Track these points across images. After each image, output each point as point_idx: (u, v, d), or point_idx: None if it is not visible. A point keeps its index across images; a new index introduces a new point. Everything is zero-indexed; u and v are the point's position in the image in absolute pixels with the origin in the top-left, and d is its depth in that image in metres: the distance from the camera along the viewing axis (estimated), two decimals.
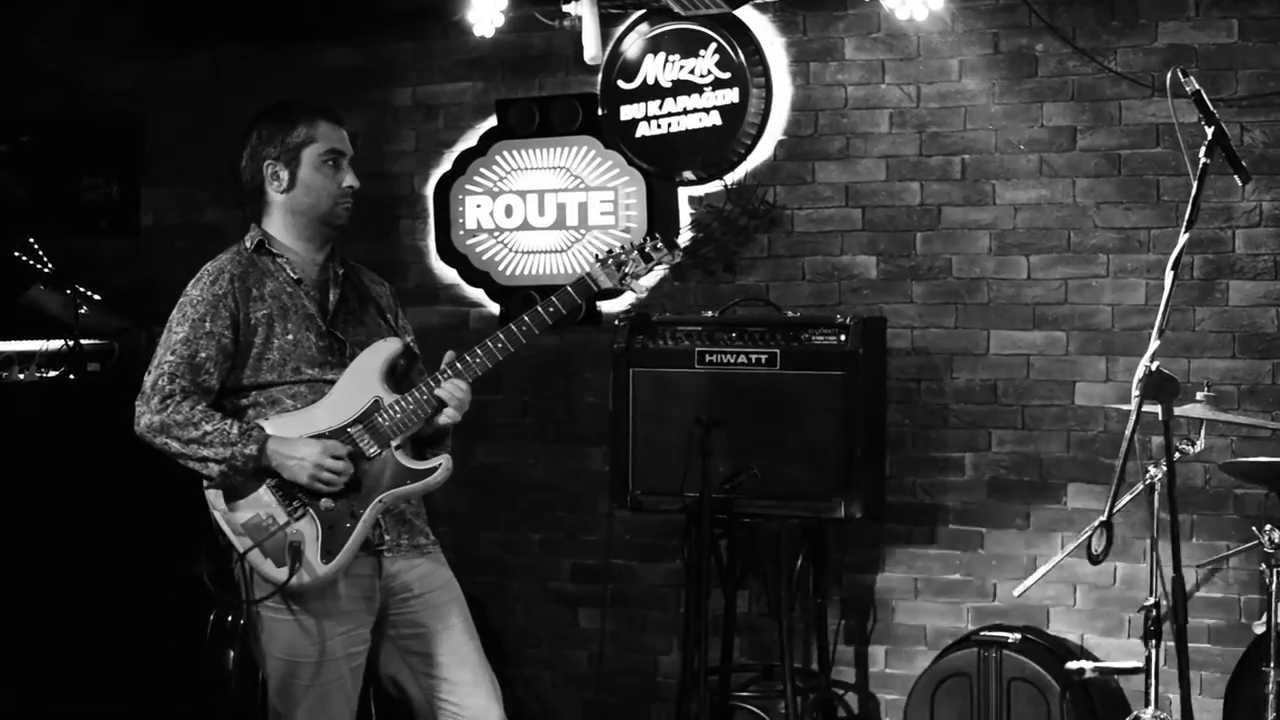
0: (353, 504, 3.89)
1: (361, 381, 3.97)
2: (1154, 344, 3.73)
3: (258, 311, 3.94)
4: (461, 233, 6.45)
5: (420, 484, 3.96)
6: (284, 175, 4.01)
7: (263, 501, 3.87)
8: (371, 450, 3.92)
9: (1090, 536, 3.70)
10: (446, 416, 3.99)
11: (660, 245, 4.21)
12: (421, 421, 3.98)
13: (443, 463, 3.98)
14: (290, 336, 3.95)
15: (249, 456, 3.83)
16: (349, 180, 4.04)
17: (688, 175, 6.08)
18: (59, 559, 5.56)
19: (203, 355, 3.88)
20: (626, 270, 4.17)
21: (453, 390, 3.96)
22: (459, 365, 3.99)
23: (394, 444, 3.94)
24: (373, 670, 4.05)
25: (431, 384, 3.97)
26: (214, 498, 3.90)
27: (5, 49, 6.98)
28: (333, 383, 3.96)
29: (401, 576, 4.01)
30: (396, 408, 3.94)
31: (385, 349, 4.03)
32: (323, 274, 4.08)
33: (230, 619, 5.12)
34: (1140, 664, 4.50)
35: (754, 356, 5.43)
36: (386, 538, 3.98)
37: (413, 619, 4.01)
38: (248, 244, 4.05)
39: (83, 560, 5.60)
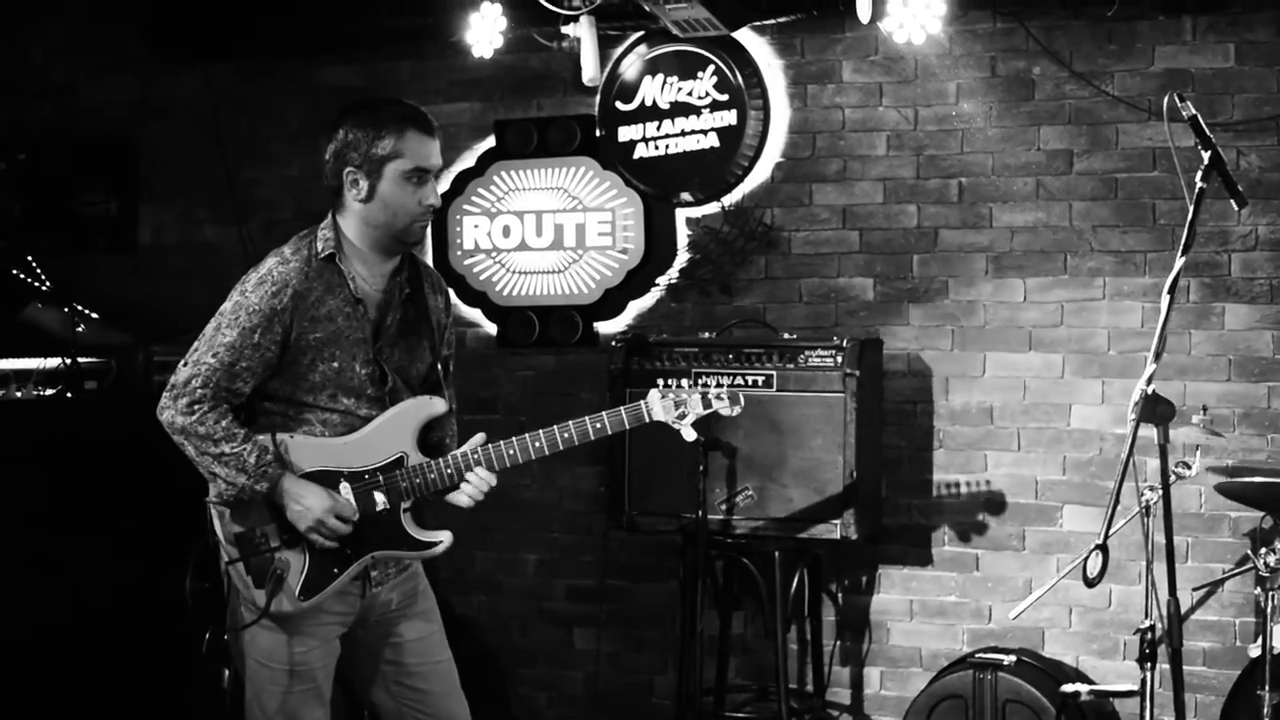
0: (345, 549, 3.83)
1: (395, 431, 3.89)
2: (1150, 367, 3.73)
3: (310, 334, 3.82)
4: (459, 253, 6.45)
5: (416, 554, 3.94)
6: (364, 185, 3.85)
7: (261, 517, 3.82)
8: (382, 506, 3.87)
9: (1086, 559, 3.70)
10: (461, 501, 3.95)
11: (723, 396, 4.09)
12: (435, 492, 3.93)
13: (444, 540, 3.92)
14: (335, 364, 3.85)
15: (258, 492, 3.77)
16: (431, 199, 3.88)
17: (685, 197, 6.09)
18: (56, 576, 5.54)
19: (243, 365, 3.78)
20: (685, 413, 4.07)
21: (476, 488, 3.92)
22: (487, 453, 3.93)
23: (404, 507, 3.89)
24: (343, 676, 4.01)
25: (459, 463, 3.91)
26: (215, 493, 3.84)
27: (5, 61, 6.98)
28: (364, 418, 3.88)
29: (384, 594, 3.99)
30: (418, 473, 3.89)
31: (427, 407, 3.94)
32: (387, 292, 3.95)
33: (225, 638, 5.13)
34: (1135, 687, 4.49)
35: (750, 378, 5.43)
36: (374, 574, 3.93)
37: (387, 628, 3.99)
38: (320, 248, 3.89)
39: (78, 577, 5.59)
